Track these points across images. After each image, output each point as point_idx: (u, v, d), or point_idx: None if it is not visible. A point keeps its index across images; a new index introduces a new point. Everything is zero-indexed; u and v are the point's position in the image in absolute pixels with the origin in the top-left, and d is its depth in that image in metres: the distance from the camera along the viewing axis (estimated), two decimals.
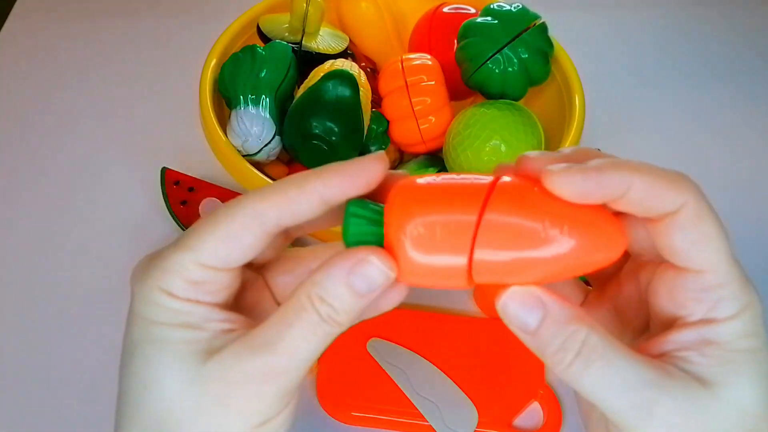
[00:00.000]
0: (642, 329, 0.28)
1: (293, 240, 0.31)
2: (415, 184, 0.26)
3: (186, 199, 0.58)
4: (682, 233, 0.24)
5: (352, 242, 0.26)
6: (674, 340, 0.25)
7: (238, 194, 0.58)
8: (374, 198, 0.27)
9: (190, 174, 0.59)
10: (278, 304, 0.31)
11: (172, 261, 0.26)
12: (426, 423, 0.47)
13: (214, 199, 0.58)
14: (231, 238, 0.26)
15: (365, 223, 0.26)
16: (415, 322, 0.52)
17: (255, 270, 0.31)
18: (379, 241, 0.26)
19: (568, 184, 0.24)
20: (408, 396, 0.48)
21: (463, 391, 0.48)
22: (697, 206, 0.25)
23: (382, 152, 0.27)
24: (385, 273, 0.25)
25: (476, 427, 0.47)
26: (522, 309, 0.24)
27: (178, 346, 0.26)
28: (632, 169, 0.24)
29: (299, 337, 0.25)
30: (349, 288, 0.25)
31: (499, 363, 0.50)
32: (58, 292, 0.55)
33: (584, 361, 0.24)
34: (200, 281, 0.26)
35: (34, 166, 0.64)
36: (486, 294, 0.53)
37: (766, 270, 0.60)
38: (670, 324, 0.26)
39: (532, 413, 0.49)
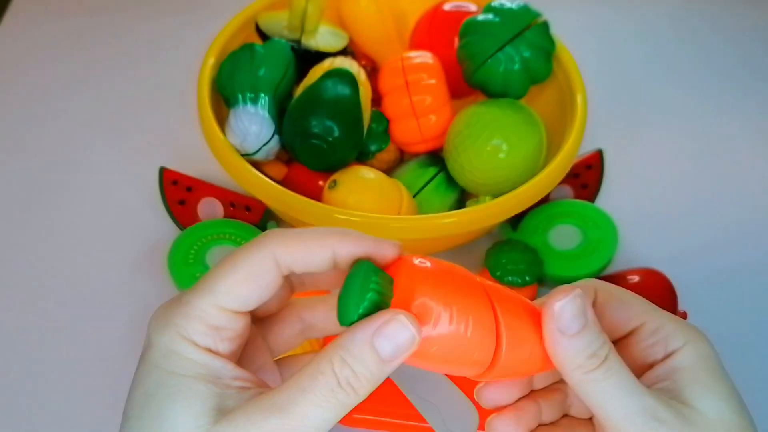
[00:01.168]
0: None
1: (293, 294, 0.32)
2: (428, 269, 0.27)
3: (184, 198, 0.58)
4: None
5: (358, 308, 0.25)
6: (651, 376, 0.30)
7: (237, 194, 0.57)
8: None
9: (188, 173, 0.59)
10: (272, 354, 0.32)
11: (194, 306, 0.27)
12: (426, 425, 0.47)
13: (212, 198, 0.58)
14: (250, 278, 0.27)
15: (373, 286, 0.26)
16: None
17: (255, 323, 0.31)
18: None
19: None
20: (408, 398, 0.47)
21: (462, 391, 0.48)
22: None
23: (398, 243, 0.28)
24: (412, 335, 0.25)
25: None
26: (572, 315, 0.27)
27: (194, 401, 0.26)
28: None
29: (312, 403, 0.25)
30: (374, 351, 0.25)
31: None
32: (56, 292, 0.55)
33: (607, 369, 0.27)
34: (220, 326, 0.27)
35: (30, 165, 0.64)
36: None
37: (767, 270, 0.59)
38: (646, 370, 0.31)
39: None
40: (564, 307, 0.27)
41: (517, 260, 0.51)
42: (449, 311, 0.26)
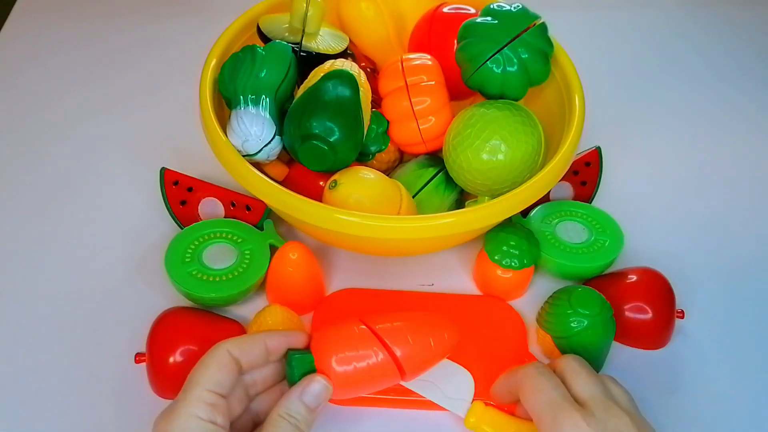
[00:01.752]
0: None
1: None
2: (326, 333, 0.43)
3: (185, 198, 0.58)
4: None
5: (298, 375, 0.42)
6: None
7: (237, 193, 0.58)
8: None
9: (189, 174, 0.59)
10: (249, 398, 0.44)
11: (191, 394, 0.39)
12: (417, 398, 0.48)
13: (213, 198, 0.58)
14: (220, 367, 0.40)
15: (303, 362, 0.42)
16: (409, 302, 0.54)
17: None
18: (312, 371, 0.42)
19: None
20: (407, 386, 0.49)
21: (453, 360, 0.50)
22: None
23: (305, 333, 0.45)
24: (326, 386, 0.41)
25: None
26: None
27: None
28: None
29: None
30: (302, 403, 0.41)
31: (487, 336, 0.52)
32: (58, 292, 0.55)
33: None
34: (213, 403, 0.39)
35: (32, 166, 0.65)
36: (481, 273, 0.56)
37: (764, 270, 0.60)
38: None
39: None
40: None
41: (515, 245, 0.53)
42: (351, 356, 0.42)
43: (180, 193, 0.58)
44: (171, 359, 0.47)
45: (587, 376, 0.44)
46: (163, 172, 0.58)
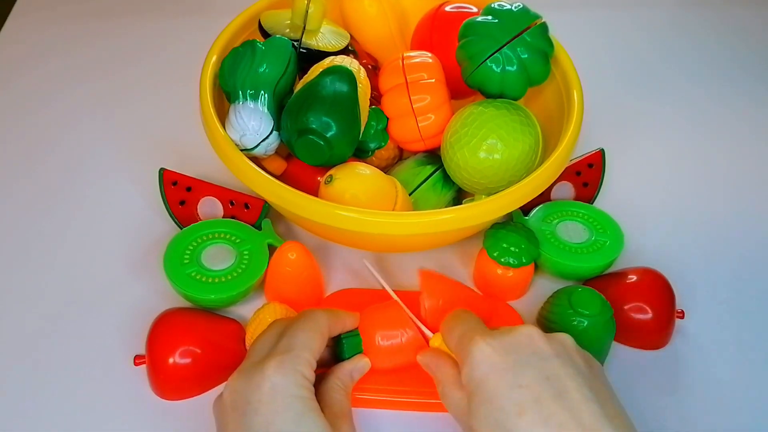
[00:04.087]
0: None
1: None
2: (372, 314, 0.49)
3: (184, 198, 0.58)
4: None
5: (348, 354, 0.48)
6: None
7: (236, 192, 0.58)
8: None
9: (187, 173, 0.59)
10: None
11: (301, 355, 0.42)
12: (414, 399, 0.49)
13: (211, 198, 0.58)
14: (322, 337, 0.44)
15: (354, 345, 0.48)
16: (409, 302, 0.53)
17: None
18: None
19: None
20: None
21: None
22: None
23: (357, 315, 0.49)
24: (368, 364, 0.48)
25: None
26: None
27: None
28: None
29: (342, 401, 0.45)
30: (351, 377, 0.47)
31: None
32: (56, 293, 0.55)
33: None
34: (312, 366, 0.42)
35: (31, 167, 0.65)
36: (481, 272, 0.55)
37: (766, 269, 0.60)
38: None
39: None
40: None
41: (514, 242, 0.52)
42: (392, 334, 0.48)
43: (179, 193, 0.58)
44: (171, 360, 0.47)
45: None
46: (162, 172, 0.58)
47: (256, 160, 0.52)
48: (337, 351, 0.49)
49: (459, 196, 0.58)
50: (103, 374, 0.50)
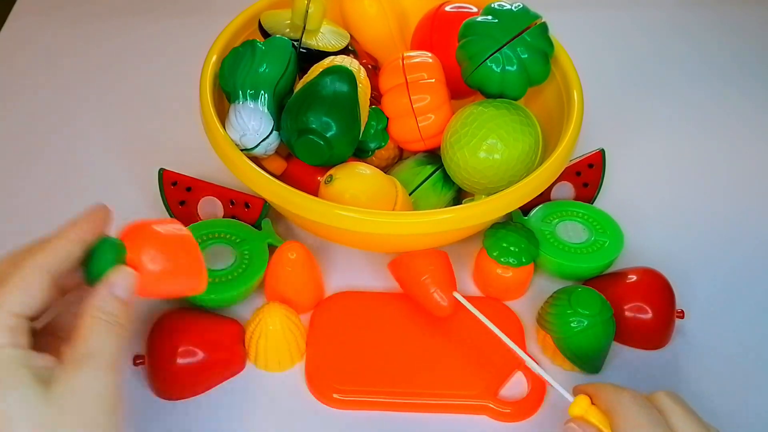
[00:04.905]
0: None
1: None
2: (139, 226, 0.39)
3: (184, 199, 0.58)
4: None
5: (102, 270, 0.36)
6: None
7: (236, 191, 0.57)
8: None
9: (187, 173, 0.59)
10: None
11: None
12: (410, 401, 0.49)
13: (212, 198, 0.58)
14: (28, 289, 0.34)
15: (110, 255, 0.37)
16: (408, 302, 0.54)
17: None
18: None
19: None
20: None
21: (452, 362, 0.51)
22: None
23: (105, 208, 0.39)
24: (132, 274, 0.36)
25: (465, 399, 0.49)
26: None
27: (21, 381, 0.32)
28: None
29: (103, 344, 0.34)
30: (115, 298, 0.35)
31: (485, 337, 0.50)
32: None
33: None
34: (14, 326, 0.33)
35: (30, 167, 0.64)
36: (481, 273, 0.55)
37: (764, 270, 0.60)
38: None
39: (517, 383, 0.50)
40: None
41: (514, 242, 0.52)
42: (163, 254, 0.38)
43: (179, 194, 0.58)
44: (171, 360, 0.47)
45: (683, 414, 0.42)
46: (162, 172, 0.58)
47: (256, 160, 0.52)
48: (88, 267, 0.37)
49: (459, 196, 0.58)
50: None
